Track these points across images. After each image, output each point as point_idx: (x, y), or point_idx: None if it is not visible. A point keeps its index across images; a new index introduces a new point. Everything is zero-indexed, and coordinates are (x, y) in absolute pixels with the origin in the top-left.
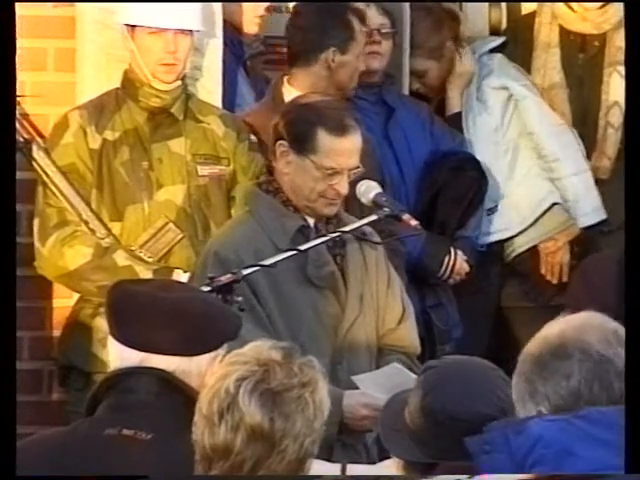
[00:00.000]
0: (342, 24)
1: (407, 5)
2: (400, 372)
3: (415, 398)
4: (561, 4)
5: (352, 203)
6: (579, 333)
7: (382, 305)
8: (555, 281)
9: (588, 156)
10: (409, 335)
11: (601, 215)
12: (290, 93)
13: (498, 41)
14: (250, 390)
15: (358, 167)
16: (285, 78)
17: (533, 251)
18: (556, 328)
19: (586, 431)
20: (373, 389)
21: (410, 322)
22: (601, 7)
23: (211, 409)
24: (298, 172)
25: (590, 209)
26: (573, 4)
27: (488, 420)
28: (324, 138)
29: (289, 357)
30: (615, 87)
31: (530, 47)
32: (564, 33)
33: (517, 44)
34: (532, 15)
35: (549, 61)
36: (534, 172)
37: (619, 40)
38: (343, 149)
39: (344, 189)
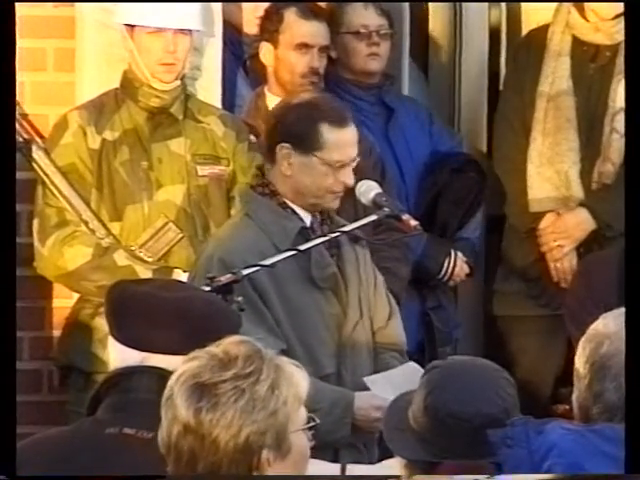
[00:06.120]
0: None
1: (407, 5)
2: (417, 372)
3: (418, 397)
4: (576, 14)
5: (347, 203)
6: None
7: (372, 304)
8: (567, 286)
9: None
10: (397, 332)
11: None
12: (273, 101)
13: None
14: (181, 384)
15: (357, 158)
16: (265, 87)
17: (542, 257)
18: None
19: (598, 447)
20: (388, 391)
21: (397, 319)
22: (614, 17)
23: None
24: (303, 172)
25: None
26: (587, 14)
27: (490, 420)
28: (328, 132)
29: (246, 350)
30: (622, 94)
31: (541, 55)
32: (577, 43)
33: (529, 51)
34: (546, 24)
35: (558, 69)
36: None
37: None
38: (347, 140)
39: (351, 180)
